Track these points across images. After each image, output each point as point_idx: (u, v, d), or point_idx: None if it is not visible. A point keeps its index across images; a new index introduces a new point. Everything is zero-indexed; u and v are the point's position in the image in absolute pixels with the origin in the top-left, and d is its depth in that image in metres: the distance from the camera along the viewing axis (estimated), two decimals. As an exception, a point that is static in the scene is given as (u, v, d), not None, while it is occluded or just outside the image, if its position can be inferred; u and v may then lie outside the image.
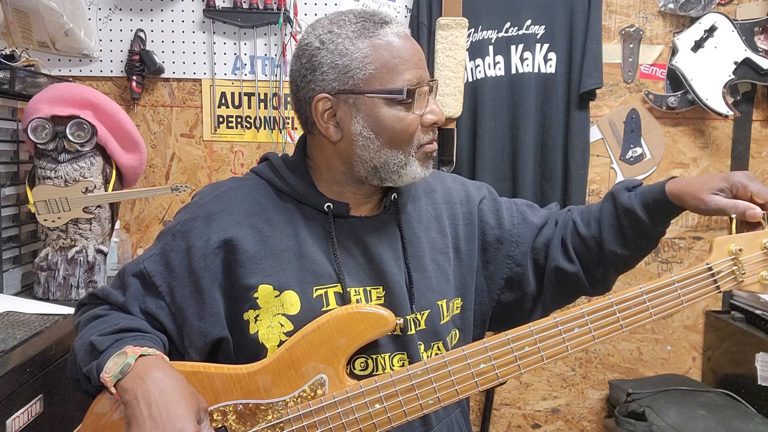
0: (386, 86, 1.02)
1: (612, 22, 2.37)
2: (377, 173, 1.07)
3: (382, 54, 1.02)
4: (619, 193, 1.15)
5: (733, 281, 1.03)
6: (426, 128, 1.06)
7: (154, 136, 2.39)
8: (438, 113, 1.07)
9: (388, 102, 1.03)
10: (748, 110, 2.38)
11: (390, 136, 1.04)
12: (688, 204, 1.07)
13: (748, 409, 2.04)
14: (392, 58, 1.03)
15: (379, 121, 1.03)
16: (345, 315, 1.01)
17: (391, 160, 1.05)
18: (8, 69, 1.86)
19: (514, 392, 2.50)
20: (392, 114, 1.03)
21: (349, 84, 1.03)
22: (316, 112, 1.06)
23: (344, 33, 1.04)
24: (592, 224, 1.18)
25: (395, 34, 1.04)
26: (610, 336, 1.02)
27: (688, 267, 1.05)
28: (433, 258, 1.15)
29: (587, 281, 1.20)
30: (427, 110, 1.06)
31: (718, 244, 1.04)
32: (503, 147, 2.30)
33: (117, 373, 0.94)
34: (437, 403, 1.00)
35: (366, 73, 1.02)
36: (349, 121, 1.05)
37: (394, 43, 1.03)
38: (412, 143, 1.05)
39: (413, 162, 1.06)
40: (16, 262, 1.96)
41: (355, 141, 1.05)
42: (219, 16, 2.30)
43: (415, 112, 1.04)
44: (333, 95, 1.04)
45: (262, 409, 1.01)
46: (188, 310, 1.05)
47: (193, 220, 1.08)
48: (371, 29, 1.03)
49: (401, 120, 1.04)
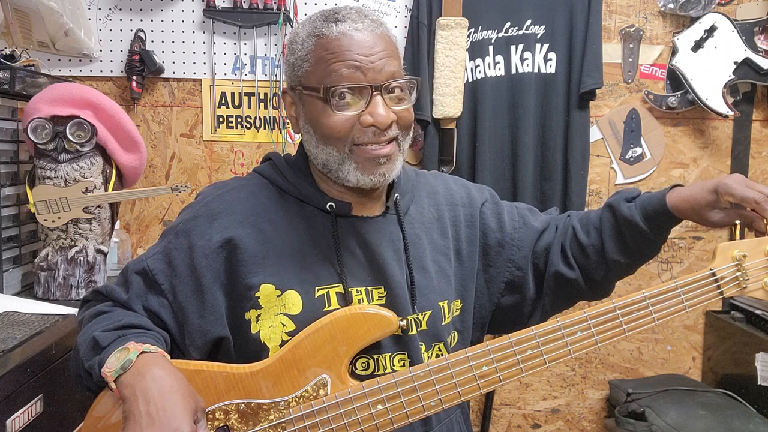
0: (318, 83, 1.03)
1: (612, 22, 2.37)
2: (328, 169, 1.08)
3: (318, 51, 1.03)
4: (619, 204, 1.14)
5: (737, 287, 1.03)
6: (363, 129, 1.03)
7: (154, 136, 2.38)
8: (378, 115, 1.01)
9: (319, 100, 1.03)
10: (748, 110, 2.39)
11: (321, 133, 1.05)
12: (691, 218, 1.09)
13: (748, 409, 2.04)
14: (326, 54, 1.02)
15: (313, 118, 1.05)
16: (348, 316, 1.01)
17: (329, 158, 1.06)
18: (8, 69, 1.86)
19: (514, 392, 2.50)
20: (323, 111, 1.03)
21: (295, 80, 1.08)
22: (286, 105, 1.13)
23: (303, 31, 1.07)
24: (591, 233, 1.18)
25: (341, 31, 1.02)
26: (612, 340, 1.02)
27: (690, 272, 1.05)
28: (435, 259, 1.15)
29: (586, 287, 1.21)
30: (367, 110, 1.02)
31: (722, 250, 1.04)
32: (503, 147, 2.30)
33: (118, 368, 0.95)
34: (439, 404, 1.00)
35: (304, 70, 1.05)
36: (299, 116, 1.10)
37: (334, 41, 1.02)
38: (344, 142, 1.03)
39: (348, 162, 1.04)
40: (16, 262, 1.96)
41: (303, 135, 1.10)
42: (219, 16, 2.30)
43: (346, 112, 1.02)
44: (290, 90, 1.10)
45: (264, 409, 1.00)
46: (189, 308, 1.06)
47: (195, 219, 1.08)
48: (320, 27, 1.04)
49: (329, 117, 1.03)
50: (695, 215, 1.08)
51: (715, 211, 1.06)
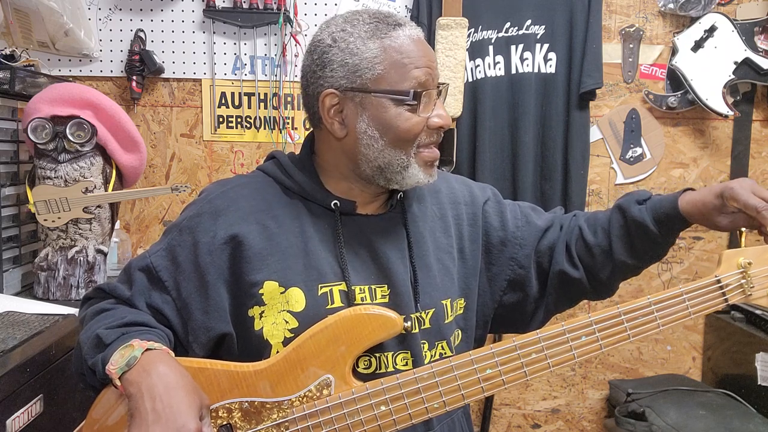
0: (394, 87, 1.03)
1: (612, 22, 2.37)
2: (383, 173, 1.07)
3: (391, 55, 1.04)
4: (630, 206, 1.15)
5: (742, 294, 1.04)
6: (430, 131, 1.07)
7: (154, 136, 2.38)
8: (444, 117, 1.07)
9: (395, 102, 1.04)
10: (748, 110, 2.39)
11: (393, 136, 1.05)
12: (700, 222, 1.10)
13: (748, 409, 2.04)
14: (402, 59, 1.04)
15: (385, 121, 1.04)
16: (352, 316, 1.01)
17: (394, 161, 1.06)
18: (8, 69, 1.86)
19: (514, 392, 2.50)
20: (398, 114, 1.04)
21: (358, 83, 1.04)
22: (323, 107, 1.07)
23: (356, 32, 1.05)
24: (599, 233, 1.19)
25: (407, 36, 1.05)
26: (616, 345, 1.02)
27: (690, 272, 1.05)
28: (438, 257, 1.15)
29: (590, 286, 1.21)
30: (434, 113, 1.06)
31: (727, 257, 1.04)
32: (503, 147, 2.30)
33: (123, 365, 0.94)
34: (443, 407, 1.00)
35: (374, 73, 1.04)
36: (354, 118, 1.06)
37: (405, 45, 1.04)
38: (414, 144, 1.06)
39: (414, 165, 1.07)
40: (16, 262, 1.95)
41: (360, 139, 1.06)
42: (219, 16, 2.30)
43: (420, 114, 1.05)
44: (341, 92, 1.05)
45: (268, 408, 1.00)
46: (193, 305, 1.05)
47: (199, 216, 1.08)
48: (384, 30, 1.05)
49: (406, 120, 1.04)
50: (704, 219, 1.09)
51: (723, 215, 1.07)
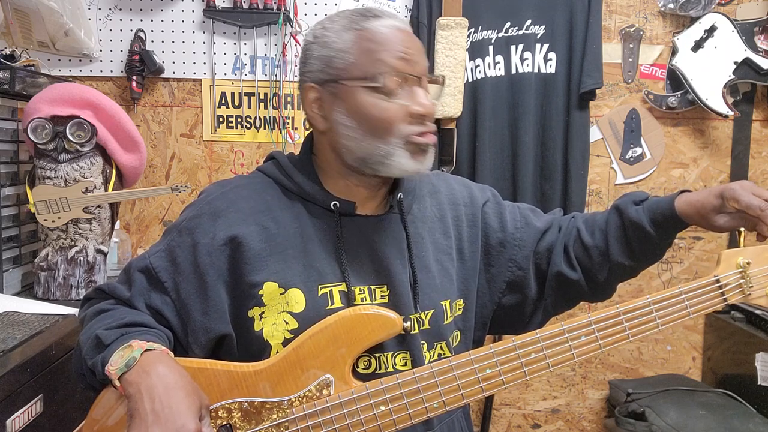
0: (365, 74, 1.03)
1: (612, 22, 2.37)
2: (366, 164, 1.06)
3: (362, 43, 1.04)
4: (627, 207, 1.15)
5: (741, 294, 1.04)
6: (413, 119, 1.04)
7: (154, 136, 2.38)
8: (425, 105, 1.04)
9: (368, 91, 1.03)
10: (748, 110, 2.39)
11: (369, 126, 1.04)
12: (698, 223, 1.10)
13: (748, 409, 2.04)
14: (373, 46, 1.03)
15: (359, 110, 1.04)
16: (352, 316, 1.01)
17: (374, 150, 1.04)
18: (8, 69, 1.86)
19: (514, 392, 2.50)
20: (373, 103, 1.03)
21: (331, 74, 1.05)
22: (306, 102, 1.09)
23: (334, 27, 1.07)
24: (597, 234, 1.18)
25: (384, 25, 1.05)
26: (616, 345, 1.02)
27: (690, 272, 1.05)
28: (437, 258, 1.15)
29: (588, 288, 1.21)
30: (415, 101, 1.04)
31: (726, 257, 1.05)
32: (503, 147, 2.30)
33: (122, 366, 0.94)
34: (442, 407, 1.00)
35: (345, 62, 1.04)
36: (331, 110, 1.06)
37: (380, 34, 1.04)
38: (394, 133, 1.04)
39: (398, 152, 1.04)
40: (16, 262, 1.95)
41: (338, 130, 1.06)
42: (219, 16, 2.30)
43: (396, 101, 1.03)
44: (319, 85, 1.07)
45: (267, 408, 1.00)
46: (193, 306, 1.05)
47: (199, 217, 1.08)
48: (359, 22, 1.05)
49: (383, 110, 1.03)
50: (702, 220, 1.08)
51: (721, 215, 1.07)
